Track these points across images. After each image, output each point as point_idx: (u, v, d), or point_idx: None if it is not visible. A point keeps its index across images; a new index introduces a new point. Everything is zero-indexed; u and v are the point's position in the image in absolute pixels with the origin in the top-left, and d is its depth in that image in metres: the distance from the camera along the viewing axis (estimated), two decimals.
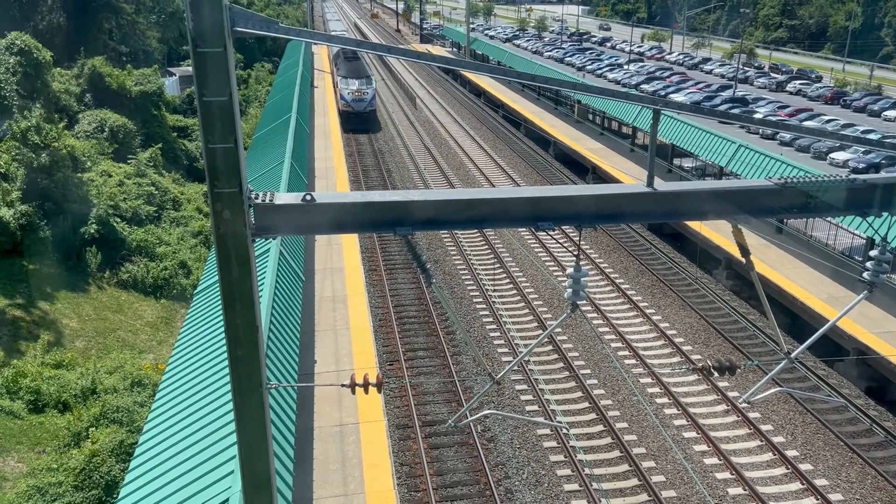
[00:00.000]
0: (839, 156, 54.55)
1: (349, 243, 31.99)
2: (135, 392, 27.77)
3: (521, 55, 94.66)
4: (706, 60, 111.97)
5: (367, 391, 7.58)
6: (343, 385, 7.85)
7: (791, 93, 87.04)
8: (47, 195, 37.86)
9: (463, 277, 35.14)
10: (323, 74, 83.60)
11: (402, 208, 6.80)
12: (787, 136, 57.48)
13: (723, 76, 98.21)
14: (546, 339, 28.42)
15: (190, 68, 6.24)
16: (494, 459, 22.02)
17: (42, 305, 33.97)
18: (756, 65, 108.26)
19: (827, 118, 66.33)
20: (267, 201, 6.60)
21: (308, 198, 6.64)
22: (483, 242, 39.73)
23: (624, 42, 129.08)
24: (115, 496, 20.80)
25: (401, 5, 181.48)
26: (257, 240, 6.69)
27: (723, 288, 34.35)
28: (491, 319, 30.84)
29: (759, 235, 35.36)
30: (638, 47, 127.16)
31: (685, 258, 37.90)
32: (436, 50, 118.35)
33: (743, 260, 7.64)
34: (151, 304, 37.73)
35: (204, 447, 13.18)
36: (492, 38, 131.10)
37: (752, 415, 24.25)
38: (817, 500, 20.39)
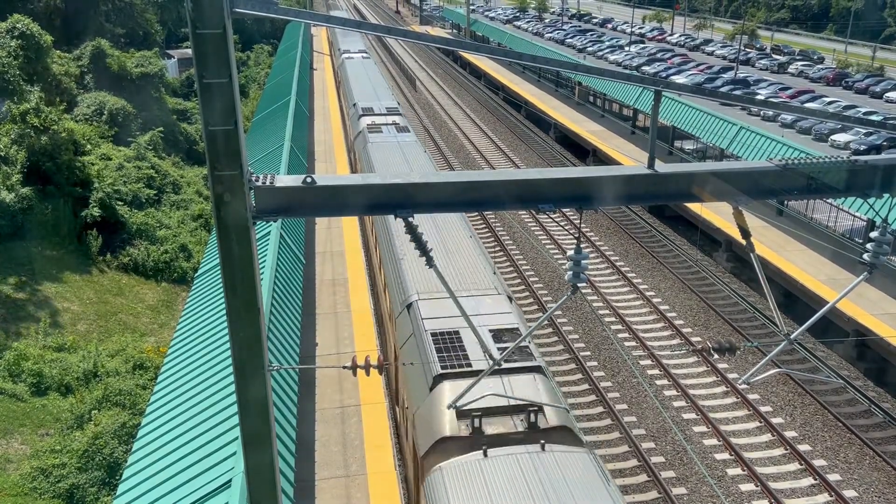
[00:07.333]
0: (841, 137, 54.31)
1: (350, 226, 31.94)
2: (137, 375, 27.88)
3: (522, 36, 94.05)
4: (707, 42, 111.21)
5: (368, 373, 7.62)
6: (344, 367, 7.87)
7: (793, 74, 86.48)
8: (48, 178, 37.76)
9: None
10: (322, 57, 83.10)
11: (402, 191, 6.79)
12: (788, 117, 57.12)
13: (724, 58, 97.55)
14: (546, 321, 28.47)
15: (189, 50, 6.23)
16: None
17: (44, 289, 34.01)
18: (758, 46, 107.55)
19: (829, 100, 65.94)
20: (267, 184, 6.58)
21: (308, 180, 6.62)
22: (483, 225, 39.71)
23: (625, 24, 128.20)
24: (118, 477, 20.96)
25: None
26: (258, 223, 6.69)
27: (723, 270, 34.38)
28: None
29: (760, 218, 35.32)
30: (639, 29, 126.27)
31: (686, 240, 37.89)
32: (435, 31, 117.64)
33: (743, 242, 7.64)
34: (152, 288, 37.77)
35: (206, 429, 13.25)
36: (492, 19, 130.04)
37: (751, 396, 24.36)
38: (816, 480, 20.52)
